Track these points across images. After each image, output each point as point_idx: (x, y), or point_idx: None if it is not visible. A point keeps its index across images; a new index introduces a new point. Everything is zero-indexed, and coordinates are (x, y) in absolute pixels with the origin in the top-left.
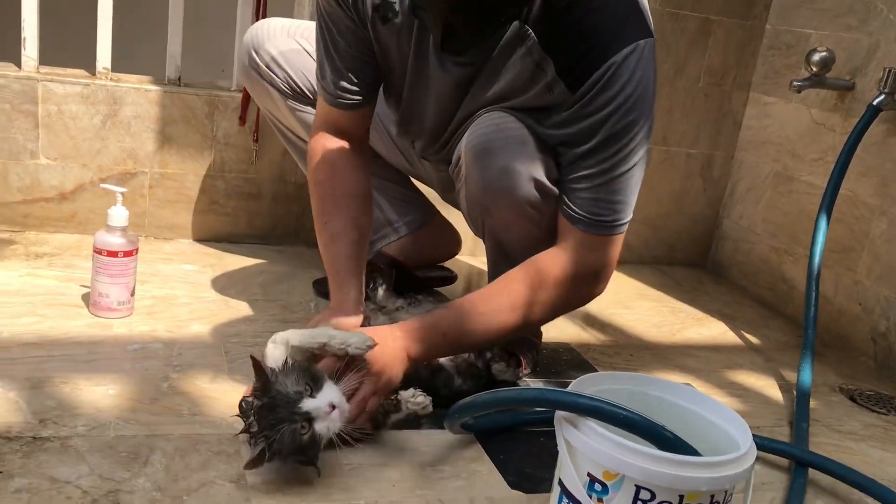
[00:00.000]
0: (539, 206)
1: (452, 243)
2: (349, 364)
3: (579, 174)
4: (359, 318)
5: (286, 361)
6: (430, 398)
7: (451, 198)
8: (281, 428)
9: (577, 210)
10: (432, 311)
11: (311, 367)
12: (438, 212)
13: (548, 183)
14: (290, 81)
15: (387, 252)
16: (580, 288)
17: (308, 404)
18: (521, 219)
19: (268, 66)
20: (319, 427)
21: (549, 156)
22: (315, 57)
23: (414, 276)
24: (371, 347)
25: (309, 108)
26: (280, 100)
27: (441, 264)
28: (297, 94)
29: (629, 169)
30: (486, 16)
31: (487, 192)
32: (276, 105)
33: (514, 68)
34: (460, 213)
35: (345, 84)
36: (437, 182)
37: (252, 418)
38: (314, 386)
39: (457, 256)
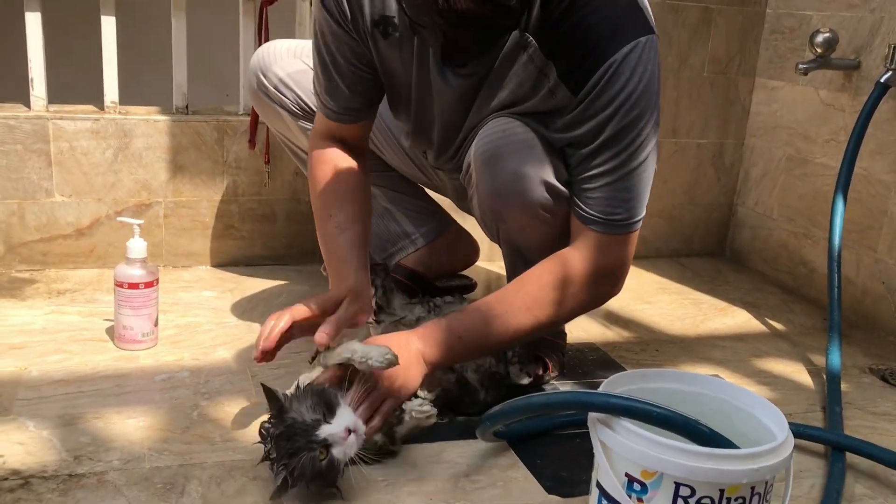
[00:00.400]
0: (551, 209)
1: (470, 251)
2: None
3: (589, 174)
4: (367, 307)
5: (297, 385)
6: (435, 408)
7: (465, 205)
8: (300, 456)
9: (589, 211)
10: (448, 315)
11: (325, 389)
12: (455, 221)
13: (558, 185)
14: (300, 102)
15: (405, 264)
16: (597, 288)
17: (324, 431)
18: (534, 222)
19: (276, 88)
20: (337, 452)
21: (557, 158)
22: None
23: (433, 286)
24: (392, 362)
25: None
26: (291, 121)
27: (460, 273)
28: (308, 114)
29: (639, 165)
30: (486, 28)
31: (498, 197)
32: (287, 126)
33: (517, 76)
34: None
35: (343, 100)
36: (452, 191)
37: (270, 446)
38: (328, 411)
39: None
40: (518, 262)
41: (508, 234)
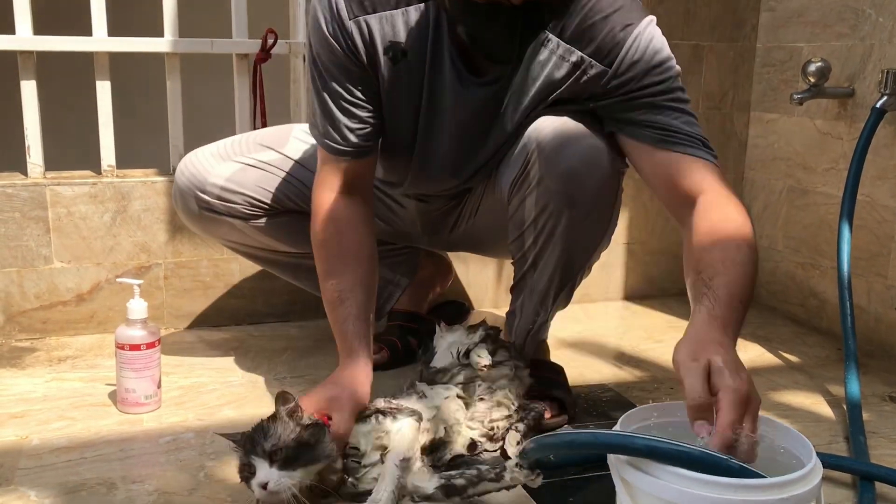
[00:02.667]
0: (616, 184)
1: (446, 269)
2: None
3: (651, 110)
4: (369, 375)
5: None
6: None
7: (443, 238)
8: None
9: (678, 134)
10: (701, 311)
11: (252, 434)
12: (418, 248)
13: (614, 156)
14: (251, 200)
15: (399, 308)
16: (746, 215)
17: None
18: (603, 199)
19: (220, 199)
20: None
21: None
22: (257, 166)
23: (431, 321)
24: None
25: (273, 220)
26: (242, 225)
27: (448, 299)
28: (261, 210)
29: (680, 85)
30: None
31: (573, 176)
32: (240, 232)
33: (543, 68)
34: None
35: (352, 132)
36: (429, 225)
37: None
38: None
39: (479, 308)
40: (562, 271)
41: (569, 227)
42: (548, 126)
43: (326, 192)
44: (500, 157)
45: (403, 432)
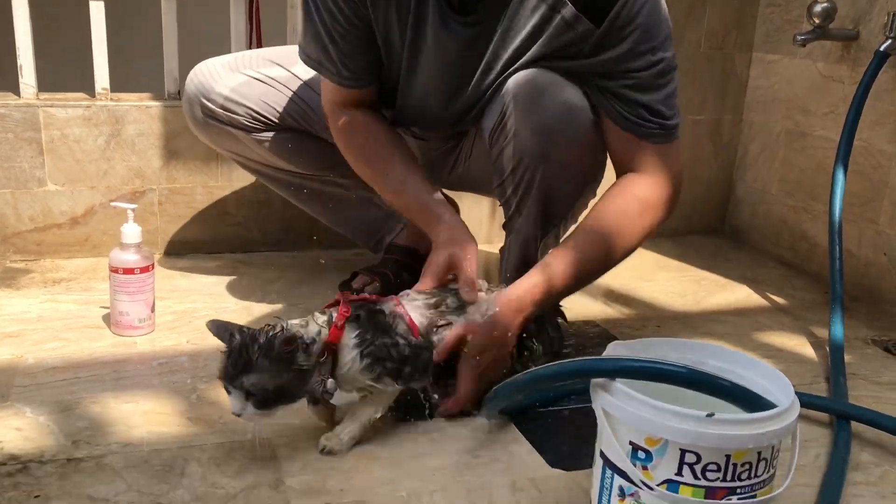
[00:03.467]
0: (594, 140)
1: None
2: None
3: (631, 83)
4: (473, 242)
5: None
6: None
7: (442, 178)
8: None
9: (644, 122)
10: (543, 264)
11: (235, 351)
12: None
13: (594, 117)
14: (252, 113)
15: (399, 243)
16: (671, 203)
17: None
18: (579, 156)
19: (224, 108)
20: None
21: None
22: (263, 80)
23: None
24: None
25: (276, 135)
26: (245, 137)
27: None
28: (262, 124)
29: (674, 67)
30: None
31: (546, 133)
32: (242, 144)
33: (529, 18)
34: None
35: (356, 64)
36: (429, 164)
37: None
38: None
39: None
40: (544, 218)
41: (546, 182)
42: (526, 79)
43: (337, 111)
44: (487, 102)
45: None
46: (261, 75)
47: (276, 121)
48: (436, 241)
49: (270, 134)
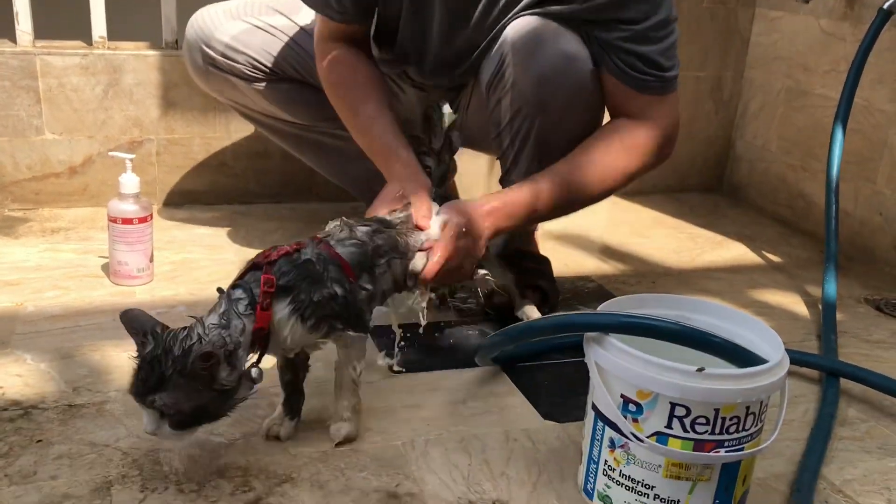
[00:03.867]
0: (592, 91)
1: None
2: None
3: (625, 34)
4: (427, 181)
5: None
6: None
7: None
8: None
9: (642, 75)
10: (525, 186)
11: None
12: None
13: (593, 67)
14: (253, 62)
15: None
16: (661, 151)
17: None
18: (577, 107)
19: (224, 56)
20: None
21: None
22: (265, 29)
23: None
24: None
25: (276, 85)
26: (245, 86)
27: None
28: (264, 73)
29: (674, 17)
30: None
31: (544, 83)
32: (242, 93)
33: None
34: None
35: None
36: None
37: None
38: None
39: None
40: (540, 170)
41: (543, 131)
42: (524, 27)
43: (326, 45)
44: (485, 49)
45: None
46: (262, 23)
47: (277, 70)
48: (390, 176)
49: (271, 84)
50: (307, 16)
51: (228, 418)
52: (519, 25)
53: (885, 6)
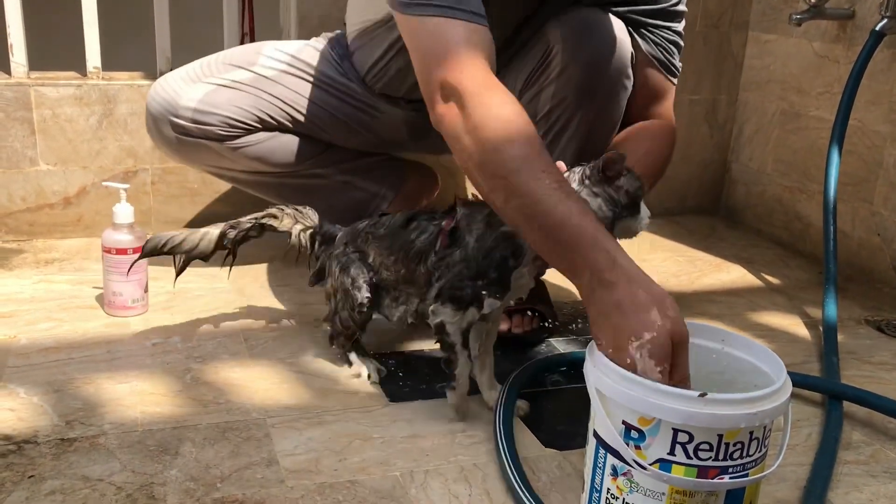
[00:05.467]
0: (629, 77)
1: (432, 178)
2: None
3: (667, 24)
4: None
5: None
6: None
7: (422, 144)
8: None
9: (672, 61)
10: None
11: None
12: (402, 158)
13: (633, 51)
14: (226, 120)
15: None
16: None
17: None
18: (619, 93)
19: (195, 121)
20: None
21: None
22: (229, 86)
23: None
24: None
25: (250, 138)
26: (220, 147)
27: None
28: (238, 130)
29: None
30: None
31: (595, 68)
32: (217, 155)
33: None
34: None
35: None
36: (410, 132)
37: None
38: None
39: None
40: (578, 160)
41: (584, 122)
42: (572, 15)
43: (488, 77)
44: (520, 48)
45: None
46: (225, 80)
47: (250, 122)
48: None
49: (246, 138)
50: (266, 65)
51: (225, 450)
52: (565, 17)
53: (878, 27)
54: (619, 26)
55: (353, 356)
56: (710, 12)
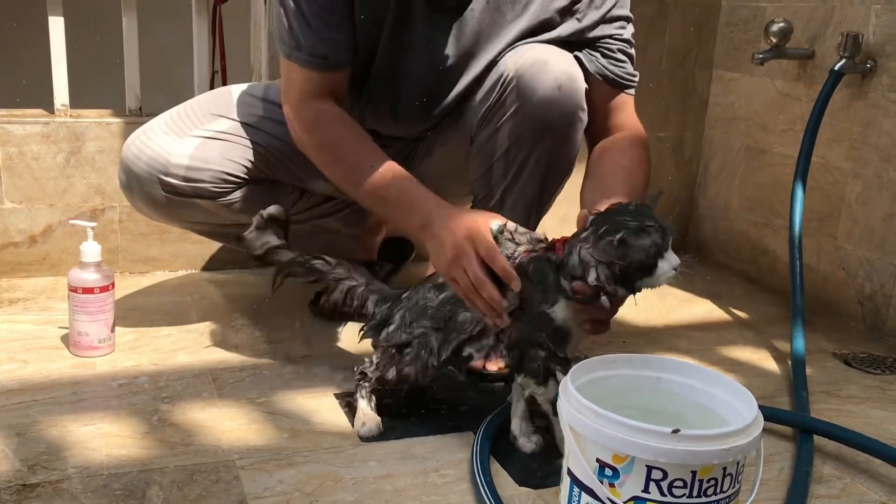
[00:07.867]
0: (583, 113)
1: None
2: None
3: (612, 34)
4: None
5: None
6: None
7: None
8: None
9: (625, 74)
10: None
11: None
12: None
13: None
14: (219, 175)
15: (353, 258)
16: (647, 157)
17: None
18: (575, 127)
19: (186, 180)
20: None
21: None
22: (216, 138)
23: (382, 265)
24: None
25: (237, 194)
26: (212, 205)
27: (389, 237)
28: (231, 183)
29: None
30: None
31: (552, 104)
32: (209, 212)
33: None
34: None
35: (333, 44)
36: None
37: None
38: None
39: None
40: (527, 206)
41: (546, 155)
42: (525, 52)
43: (312, 102)
44: (473, 85)
45: None
46: (211, 132)
47: (244, 175)
48: (438, 227)
49: (234, 193)
50: (245, 112)
51: (193, 493)
52: (518, 52)
53: (836, 67)
54: (571, 59)
55: (363, 404)
56: (676, 51)
